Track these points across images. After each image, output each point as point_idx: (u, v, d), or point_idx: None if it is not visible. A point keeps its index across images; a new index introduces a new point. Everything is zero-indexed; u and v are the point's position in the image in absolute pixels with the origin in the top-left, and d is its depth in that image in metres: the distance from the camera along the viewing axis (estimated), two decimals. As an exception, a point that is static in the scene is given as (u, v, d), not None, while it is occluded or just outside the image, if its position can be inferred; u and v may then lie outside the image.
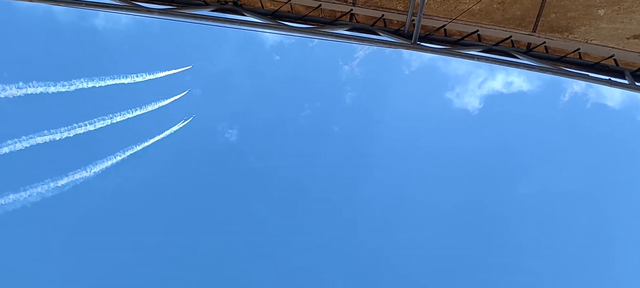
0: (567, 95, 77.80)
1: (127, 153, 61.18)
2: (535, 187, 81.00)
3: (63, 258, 69.50)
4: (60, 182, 53.20)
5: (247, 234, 78.27)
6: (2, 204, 49.31)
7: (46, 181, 52.17)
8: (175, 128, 70.14)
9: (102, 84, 55.38)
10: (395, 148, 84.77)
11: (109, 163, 58.83)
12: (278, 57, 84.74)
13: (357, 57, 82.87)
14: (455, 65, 76.51)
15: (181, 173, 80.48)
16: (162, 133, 67.39)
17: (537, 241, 76.94)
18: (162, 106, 64.72)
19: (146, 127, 65.65)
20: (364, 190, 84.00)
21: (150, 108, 62.50)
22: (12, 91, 48.67)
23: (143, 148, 63.49)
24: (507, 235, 78.07)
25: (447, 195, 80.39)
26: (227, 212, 79.49)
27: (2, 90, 48.01)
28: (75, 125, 53.58)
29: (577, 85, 73.88)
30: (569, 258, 75.26)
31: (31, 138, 50.73)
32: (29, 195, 50.64)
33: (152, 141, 64.59)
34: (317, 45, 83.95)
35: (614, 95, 72.14)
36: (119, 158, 59.94)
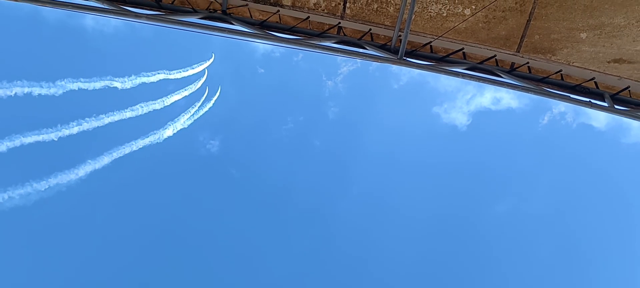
0: (553, 113, 78.58)
1: (113, 156, 60.38)
2: (512, 205, 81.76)
3: (38, 263, 68.25)
4: (43, 185, 52.45)
5: (226, 247, 77.51)
6: None
7: (29, 183, 51.44)
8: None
9: (89, 86, 54.72)
10: (378, 162, 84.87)
11: (92, 167, 58.02)
12: (262, 70, 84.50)
13: (341, 73, 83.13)
14: (445, 81, 77.03)
15: (160, 182, 78.88)
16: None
17: (507, 261, 77.62)
18: (155, 109, 63.54)
19: (132, 132, 64.92)
20: (344, 204, 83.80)
21: (141, 111, 61.52)
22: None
23: (128, 152, 62.62)
24: (480, 253, 78.62)
25: (427, 210, 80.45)
26: (206, 225, 78.44)
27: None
28: (60, 126, 52.93)
29: (563, 105, 74.90)
30: (537, 280, 75.97)
31: (17, 138, 50.05)
32: (9, 198, 49.85)
33: (142, 144, 63.56)
34: (302, 59, 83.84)
35: (599, 117, 73.08)
36: (104, 162, 59.12)
